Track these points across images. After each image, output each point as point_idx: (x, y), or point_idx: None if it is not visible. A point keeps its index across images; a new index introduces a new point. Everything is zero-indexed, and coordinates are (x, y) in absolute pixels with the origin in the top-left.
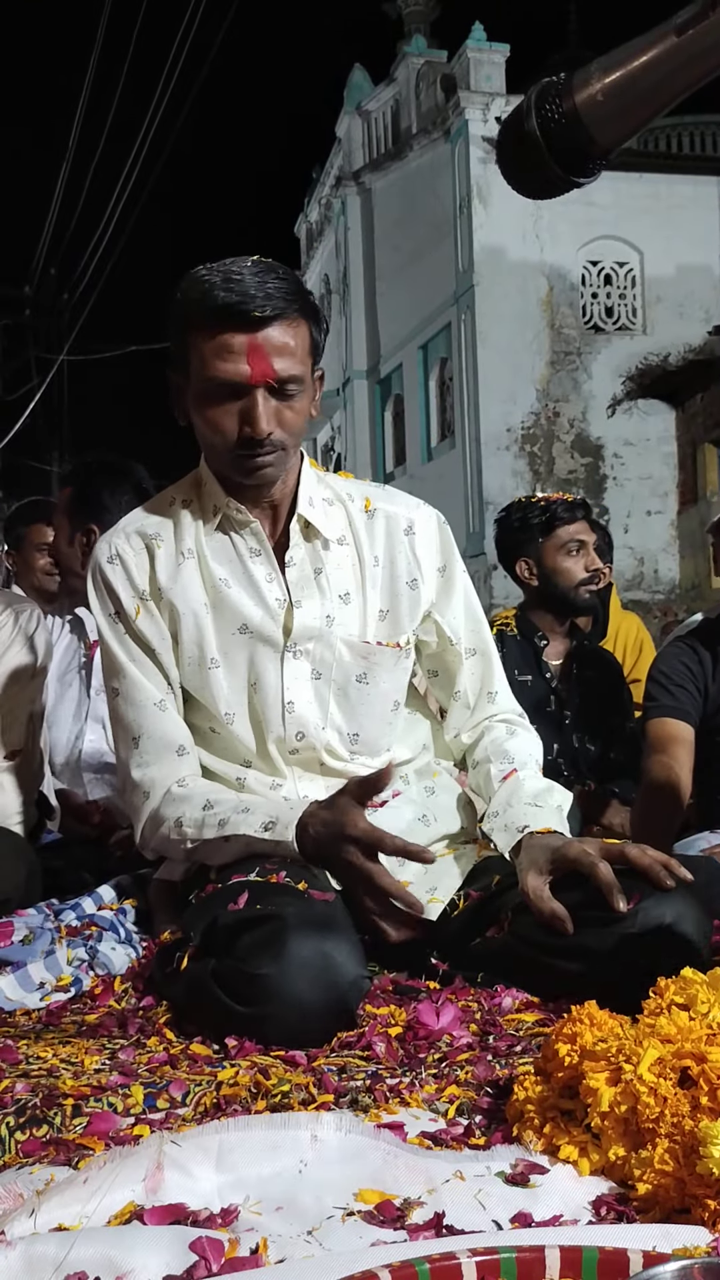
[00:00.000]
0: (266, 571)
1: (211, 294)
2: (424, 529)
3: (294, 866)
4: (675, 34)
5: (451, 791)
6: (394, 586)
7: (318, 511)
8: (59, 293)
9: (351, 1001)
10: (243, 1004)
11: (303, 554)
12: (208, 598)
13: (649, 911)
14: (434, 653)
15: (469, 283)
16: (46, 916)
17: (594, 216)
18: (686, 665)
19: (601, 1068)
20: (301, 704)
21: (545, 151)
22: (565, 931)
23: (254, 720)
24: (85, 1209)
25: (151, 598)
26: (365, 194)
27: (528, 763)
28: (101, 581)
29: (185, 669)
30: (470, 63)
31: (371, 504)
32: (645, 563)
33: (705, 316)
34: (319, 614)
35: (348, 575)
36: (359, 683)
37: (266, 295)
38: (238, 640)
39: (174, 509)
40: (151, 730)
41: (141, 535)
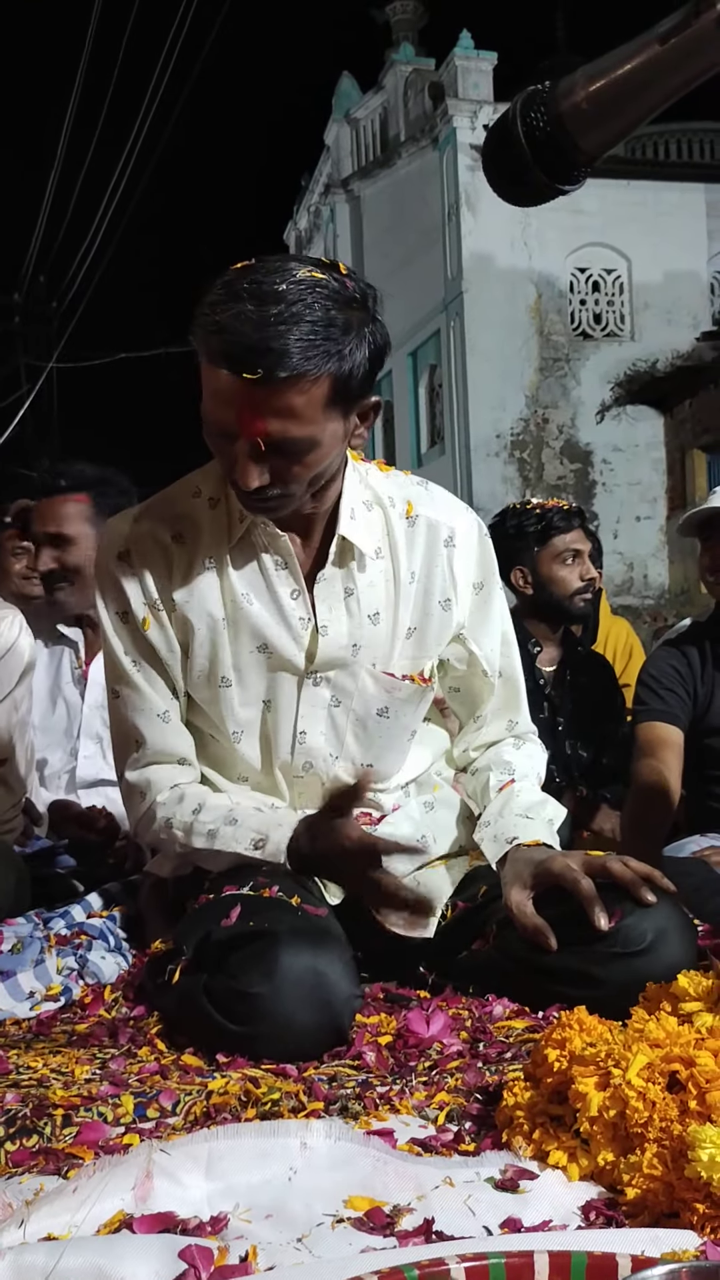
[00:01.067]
0: (291, 588)
1: (212, 330)
2: (464, 540)
3: (287, 880)
4: (658, 42)
5: (450, 805)
6: (426, 605)
7: (358, 525)
8: (48, 300)
9: (344, 1020)
10: (234, 1022)
11: (334, 574)
12: (225, 612)
13: (631, 929)
14: (460, 674)
15: (458, 290)
16: (36, 925)
17: (582, 224)
18: (675, 669)
19: (590, 1073)
20: (314, 735)
21: (530, 159)
22: (548, 947)
23: (262, 740)
24: (74, 1218)
25: (164, 607)
26: (354, 201)
27: (528, 775)
28: (109, 578)
29: (194, 682)
30: (458, 70)
31: (414, 509)
32: (635, 568)
33: (693, 323)
34: (345, 642)
35: (380, 593)
36: (380, 716)
37: (269, 351)
38: (255, 659)
39: (197, 505)
40: (154, 740)
41: (157, 535)
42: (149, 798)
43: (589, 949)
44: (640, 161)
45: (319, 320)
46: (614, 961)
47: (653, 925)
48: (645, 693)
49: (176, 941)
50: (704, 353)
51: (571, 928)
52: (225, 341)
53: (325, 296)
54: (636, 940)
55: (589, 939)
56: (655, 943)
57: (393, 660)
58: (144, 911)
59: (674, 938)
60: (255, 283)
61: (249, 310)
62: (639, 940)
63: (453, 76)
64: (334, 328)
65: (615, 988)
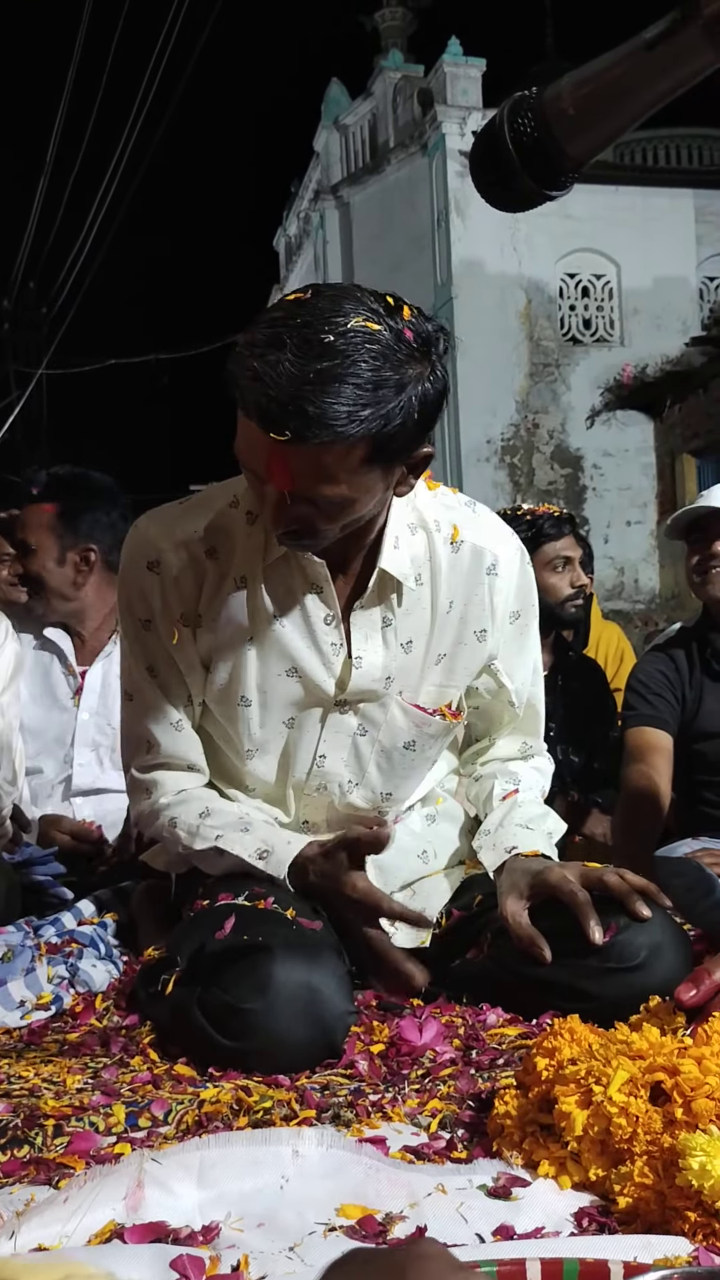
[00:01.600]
0: (325, 613)
1: (245, 377)
2: (507, 569)
3: (283, 892)
4: (645, 48)
5: (452, 818)
6: (461, 634)
7: (401, 554)
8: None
9: (338, 1037)
10: (227, 1037)
11: (373, 602)
12: (254, 631)
13: (625, 944)
14: (485, 701)
15: (447, 295)
16: (26, 934)
17: (571, 229)
18: (664, 674)
19: (572, 1091)
20: (334, 760)
21: (518, 164)
22: (541, 959)
23: (281, 759)
24: (65, 1228)
25: (189, 622)
26: (343, 208)
27: (532, 787)
28: (135, 585)
29: (213, 697)
30: (447, 77)
31: (459, 534)
32: (625, 573)
33: (682, 328)
34: (379, 675)
35: (415, 620)
36: (406, 749)
37: (302, 414)
38: (283, 682)
39: (233, 518)
40: (166, 746)
41: (191, 547)
42: (154, 795)
43: (582, 963)
44: (629, 167)
45: (364, 382)
46: (607, 976)
47: (647, 941)
48: (634, 698)
49: (170, 951)
50: (693, 358)
51: (566, 940)
52: (259, 393)
53: (375, 355)
54: (631, 955)
55: (583, 952)
56: (649, 959)
57: (421, 689)
58: (136, 917)
59: (668, 954)
60: (302, 328)
61: (289, 362)
62: (633, 955)
63: (442, 83)
64: (384, 389)
65: (608, 1003)
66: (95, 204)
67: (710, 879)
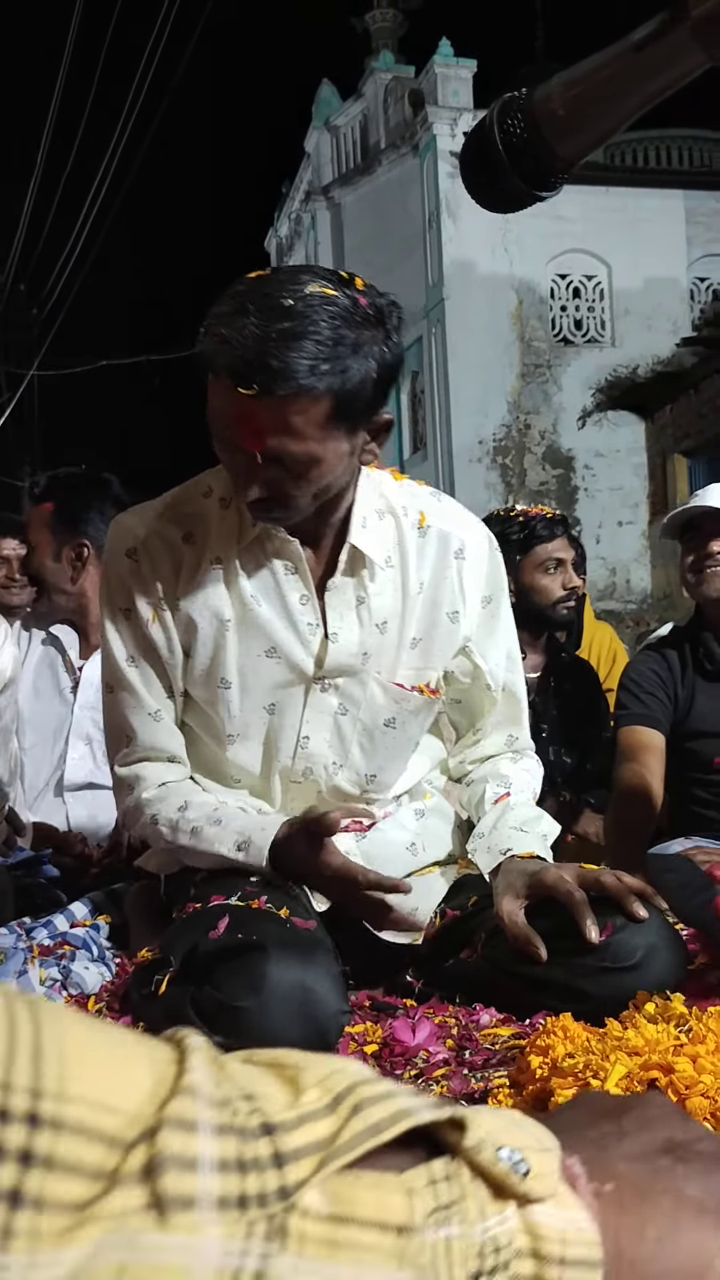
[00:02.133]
0: (300, 593)
1: (215, 341)
2: (475, 554)
3: (275, 891)
4: (634, 50)
5: (441, 814)
6: (433, 616)
7: (369, 534)
8: (29, 308)
9: (331, 1036)
10: (221, 1035)
11: (345, 581)
12: (233, 613)
13: (621, 944)
14: (464, 687)
15: (439, 296)
16: (19, 936)
17: (562, 230)
18: (656, 673)
19: (569, 1084)
20: (317, 740)
21: (507, 165)
22: (537, 958)
23: (265, 744)
24: None
25: (168, 606)
26: (335, 209)
27: (524, 790)
28: (115, 574)
29: (194, 681)
30: (438, 78)
31: (426, 520)
32: (617, 573)
33: (673, 329)
34: (355, 650)
35: (388, 602)
36: (387, 727)
37: (267, 368)
38: (262, 663)
39: (208, 506)
40: (144, 738)
41: (166, 534)
42: (136, 792)
43: (578, 962)
44: (619, 168)
45: (325, 338)
46: (603, 976)
47: (644, 941)
48: (626, 697)
49: (163, 951)
50: (684, 358)
51: (562, 940)
52: (227, 354)
53: (333, 315)
54: (626, 955)
55: (579, 951)
56: (645, 959)
57: (398, 671)
58: (129, 919)
59: (664, 954)
60: (263, 295)
61: (253, 324)
62: (629, 955)
63: (432, 84)
64: (341, 346)
65: (603, 1002)
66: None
67: (703, 875)
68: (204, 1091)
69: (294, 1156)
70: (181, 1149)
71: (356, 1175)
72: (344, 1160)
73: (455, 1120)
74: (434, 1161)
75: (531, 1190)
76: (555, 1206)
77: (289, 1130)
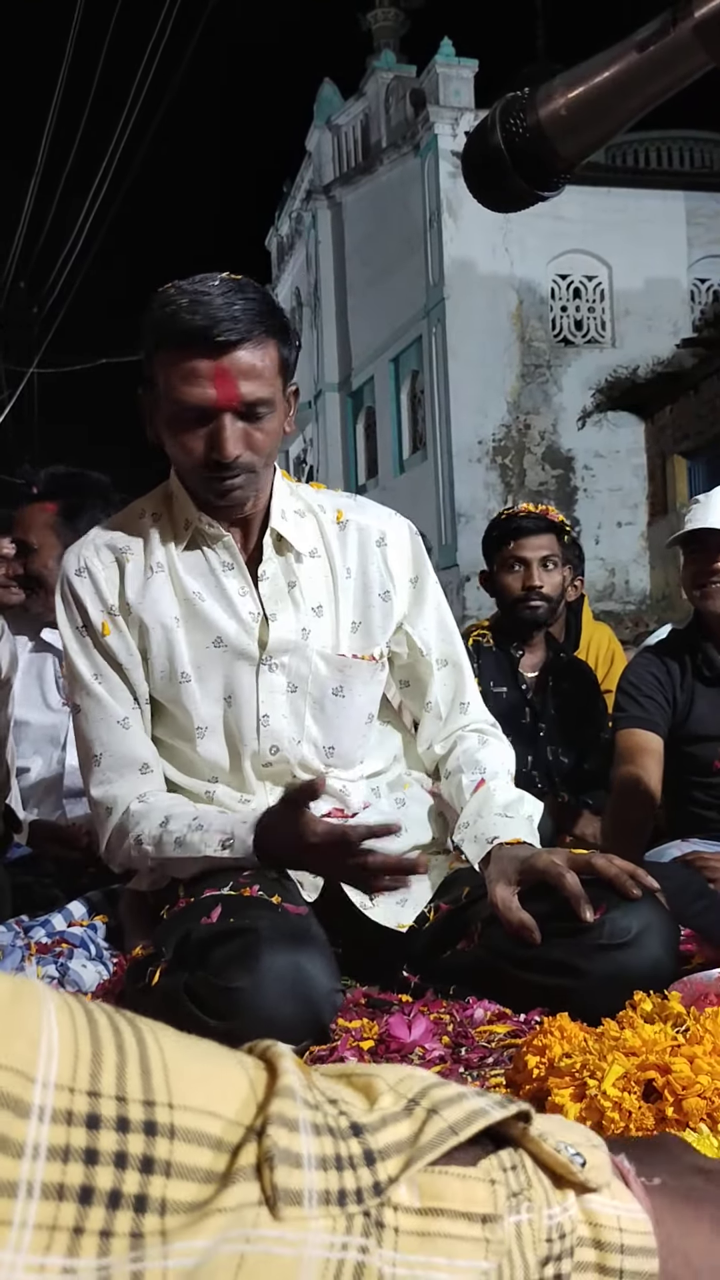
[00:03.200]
0: (239, 585)
1: (178, 316)
2: (396, 540)
3: (267, 880)
4: (637, 50)
5: (422, 803)
6: (366, 598)
7: (289, 524)
8: (28, 305)
9: (325, 1014)
10: (216, 1018)
11: (275, 568)
12: (180, 611)
13: (616, 922)
14: (405, 664)
15: (439, 296)
16: (16, 934)
17: (563, 230)
18: (655, 676)
19: (566, 1084)
20: (276, 718)
21: (509, 165)
22: (533, 942)
23: (228, 734)
24: None
25: (120, 613)
26: (336, 208)
27: (499, 773)
28: (70, 594)
29: (156, 683)
30: (439, 78)
31: (343, 515)
32: (616, 574)
33: (673, 329)
34: (294, 627)
35: (320, 587)
36: (335, 695)
37: (233, 318)
38: (212, 654)
39: (144, 522)
40: (114, 749)
41: (111, 548)
42: (115, 814)
43: (574, 941)
44: (621, 169)
45: (258, 296)
46: (598, 953)
47: (638, 920)
48: (625, 700)
49: (156, 944)
50: (684, 359)
51: (556, 922)
52: (192, 319)
53: (257, 290)
54: (621, 933)
55: (574, 932)
56: (639, 936)
57: (340, 648)
58: (124, 919)
59: (658, 933)
60: (193, 283)
61: (201, 293)
62: (623, 933)
63: (434, 83)
64: (269, 302)
65: (598, 979)
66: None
67: (699, 882)
68: (300, 1094)
69: (383, 1155)
70: (288, 1145)
71: (441, 1170)
72: (431, 1157)
73: (521, 1113)
74: (501, 1152)
75: (590, 1179)
76: (610, 1197)
77: (375, 1131)
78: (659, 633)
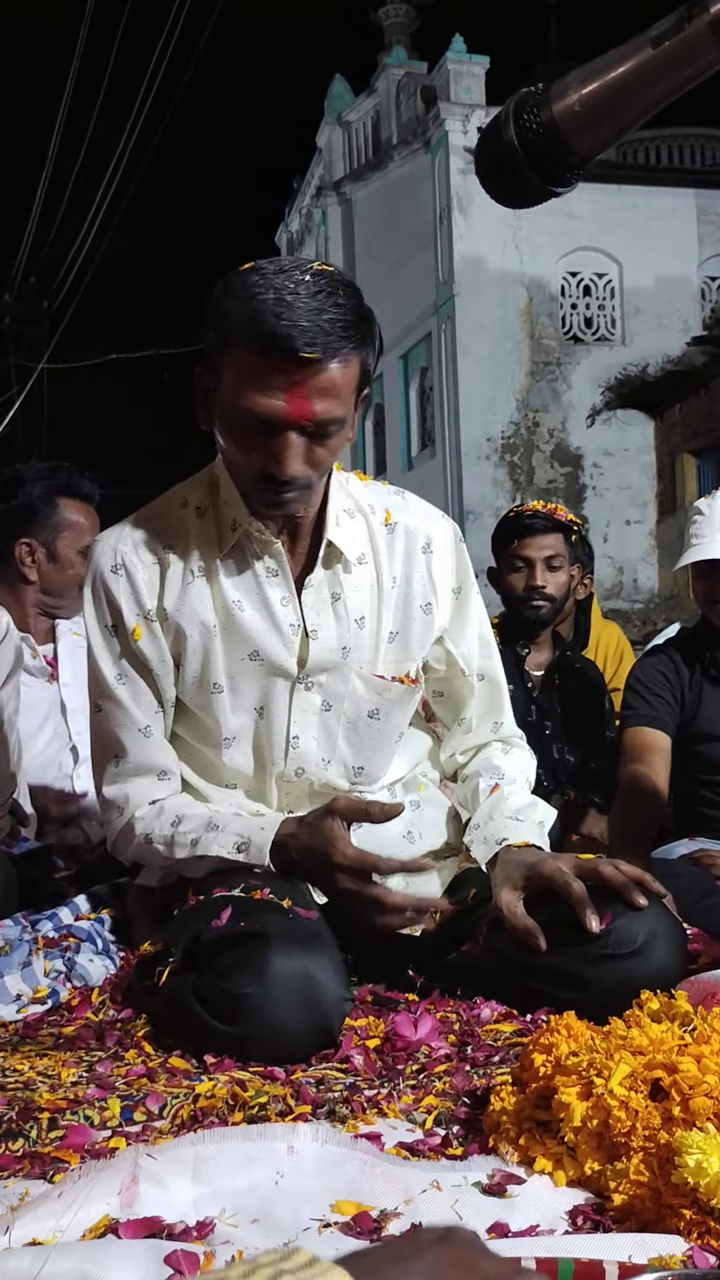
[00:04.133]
0: (282, 594)
1: (261, 316)
2: (441, 547)
3: (278, 882)
4: (651, 46)
5: (437, 805)
6: (407, 609)
7: (343, 531)
8: (39, 300)
9: (334, 1022)
10: (223, 1022)
11: (322, 578)
12: (217, 619)
13: (622, 930)
14: (442, 676)
15: (449, 293)
16: (24, 928)
17: (573, 228)
18: (664, 674)
19: (573, 1082)
20: (306, 739)
21: (523, 161)
22: (537, 949)
23: (256, 748)
24: (60, 1223)
25: (157, 617)
26: (346, 204)
27: (516, 779)
28: (103, 590)
29: (187, 689)
30: (450, 74)
31: (392, 517)
32: (625, 572)
33: (684, 327)
34: (335, 645)
35: (364, 599)
36: (371, 718)
37: (320, 330)
38: (247, 667)
39: (185, 515)
40: (132, 755)
41: (152, 546)
42: (126, 813)
43: (579, 950)
44: (632, 166)
45: (349, 301)
46: (604, 963)
47: (644, 928)
48: (633, 698)
49: (165, 943)
50: (694, 357)
51: (562, 929)
52: (275, 325)
53: (348, 285)
54: (627, 942)
55: (579, 940)
56: (646, 945)
57: (378, 664)
58: (131, 914)
59: (664, 941)
60: (280, 274)
61: (288, 291)
62: (629, 942)
63: (445, 80)
64: (360, 310)
65: (604, 989)
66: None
67: (707, 880)
68: None
69: None
70: None
71: None
72: None
73: None
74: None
75: None
76: None
77: None
78: (667, 631)
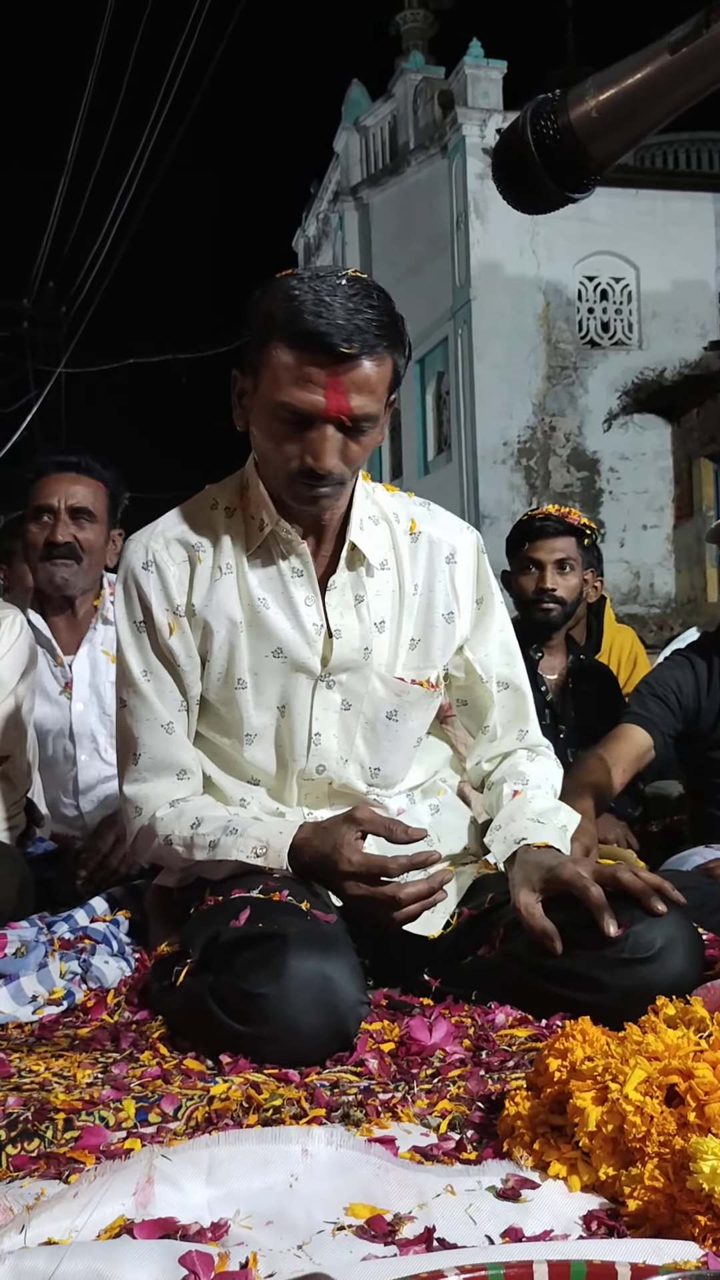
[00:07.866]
0: (306, 594)
1: (300, 316)
2: (465, 557)
3: (296, 884)
4: (669, 51)
5: (455, 809)
6: (429, 617)
7: (366, 535)
8: (57, 305)
9: (350, 1025)
10: (240, 1022)
11: (345, 580)
12: (243, 616)
13: (640, 937)
14: (463, 685)
15: (466, 297)
16: (39, 929)
17: (590, 232)
18: (677, 681)
19: (588, 1087)
20: (327, 737)
21: (540, 166)
22: (554, 951)
23: (278, 744)
24: (75, 1223)
25: (186, 613)
26: (363, 209)
27: (541, 785)
28: (135, 586)
29: (212, 684)
30: (468, 79)
31: (416, 526)
32: (641, 577)
33: (701, 332)
34: (357, 645)
35: (386, 603)
36: (389, 719)
37: (357, 329)
38: (271, 664)
39: (215, 515)
40: (154, 751)
41: (183, 544)
42: (145, 814)
43: (596, 954)
44: (649, 170)
45: (382, 305)
46: (621, 967)
47: (662, 934)
48: (635, 697)
49: (182, 943)
50: (712, 362)
51: (579, 934)
52: (314, 323)
53: (382, 297)
54: (645, 948)
55: (596, 944)
56: (663, 951)
57: (397, 667)
58: (148, 915)
59: (682, 948)
60: (317, 280)
61: (325, 292)
62: (647, 948)
63: (462, 85)
64: (392, 314)
65: (620, 994)
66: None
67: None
68: None
69: None
70: None
71: None
72: None
73: None
74: None
75: None
76: None
77: None
78: (685, 636)
